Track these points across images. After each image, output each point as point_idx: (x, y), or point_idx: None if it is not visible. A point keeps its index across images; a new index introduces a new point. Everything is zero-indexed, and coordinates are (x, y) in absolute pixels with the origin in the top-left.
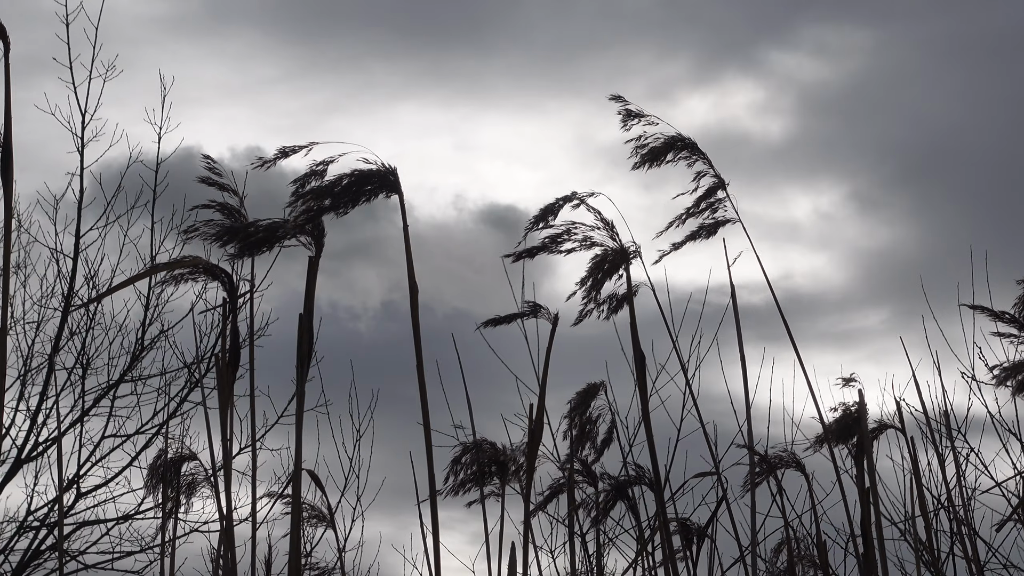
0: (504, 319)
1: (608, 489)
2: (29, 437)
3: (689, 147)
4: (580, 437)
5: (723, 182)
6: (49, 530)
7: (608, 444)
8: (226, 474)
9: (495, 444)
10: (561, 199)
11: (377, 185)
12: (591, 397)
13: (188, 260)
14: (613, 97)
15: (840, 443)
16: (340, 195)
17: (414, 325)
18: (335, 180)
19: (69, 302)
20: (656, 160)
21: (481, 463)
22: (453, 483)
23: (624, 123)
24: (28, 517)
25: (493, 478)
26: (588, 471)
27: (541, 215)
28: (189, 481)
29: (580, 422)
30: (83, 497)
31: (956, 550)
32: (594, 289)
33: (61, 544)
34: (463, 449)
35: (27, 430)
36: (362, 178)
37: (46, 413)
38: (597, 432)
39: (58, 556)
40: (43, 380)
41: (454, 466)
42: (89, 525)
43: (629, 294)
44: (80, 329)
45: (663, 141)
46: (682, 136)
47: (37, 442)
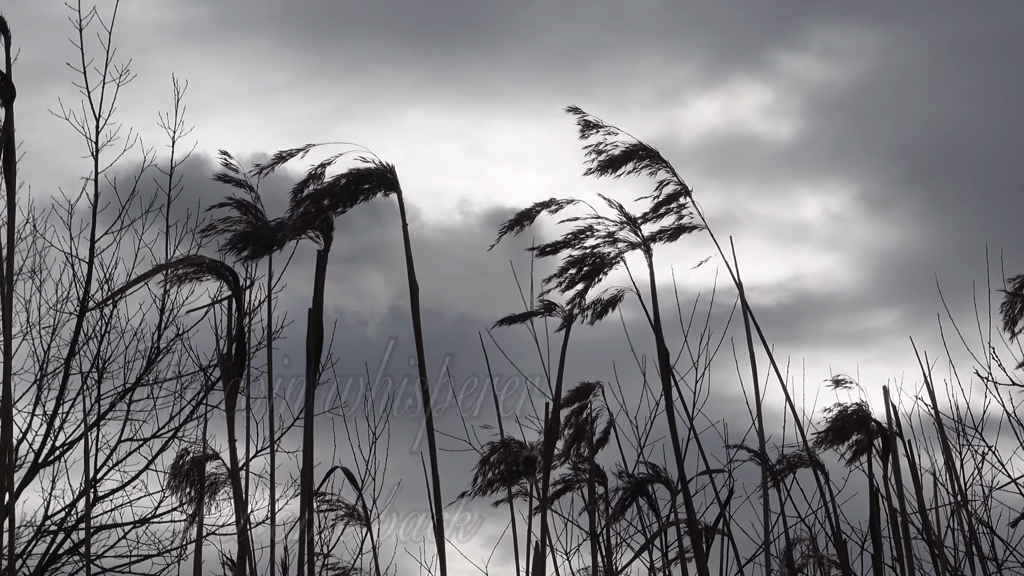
0: (518, 317)
1: (626, 487)
2: (46, 442)
3: (651, 156)
4: (575, 436)
5: (687, 189)
6: (67, 534)
7: (604, 443)
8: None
9: (522, 443)
10: (539, 205)
11: (375, 183)
12: (583, 396)
13: (193, 258)
14: (570, 109)
15: (838, 443)
16: (339, 195)
17: (415, 323)
18: (333, 181)
19: (85, 307)
20: (614, 167)
21: (509, 462)
22: (482, 482)
23: (583, 132)
24: (46, 521)
25: (521, 477)
26: (597, 470)
27: (517, 220)
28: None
29: (576, 421)
30: (100, 501)
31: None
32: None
33: (87, 546)
34: (491, 448)
35: (44, 435)
36: (359, 177)
37: (62, 418)
38: (594, 431)
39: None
40: (59, 385)
41: (482, 466)
42: (106, 529)
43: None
44: (96, 333)
45: (623, 150)
46: (643, 145)
47: (54, 447)
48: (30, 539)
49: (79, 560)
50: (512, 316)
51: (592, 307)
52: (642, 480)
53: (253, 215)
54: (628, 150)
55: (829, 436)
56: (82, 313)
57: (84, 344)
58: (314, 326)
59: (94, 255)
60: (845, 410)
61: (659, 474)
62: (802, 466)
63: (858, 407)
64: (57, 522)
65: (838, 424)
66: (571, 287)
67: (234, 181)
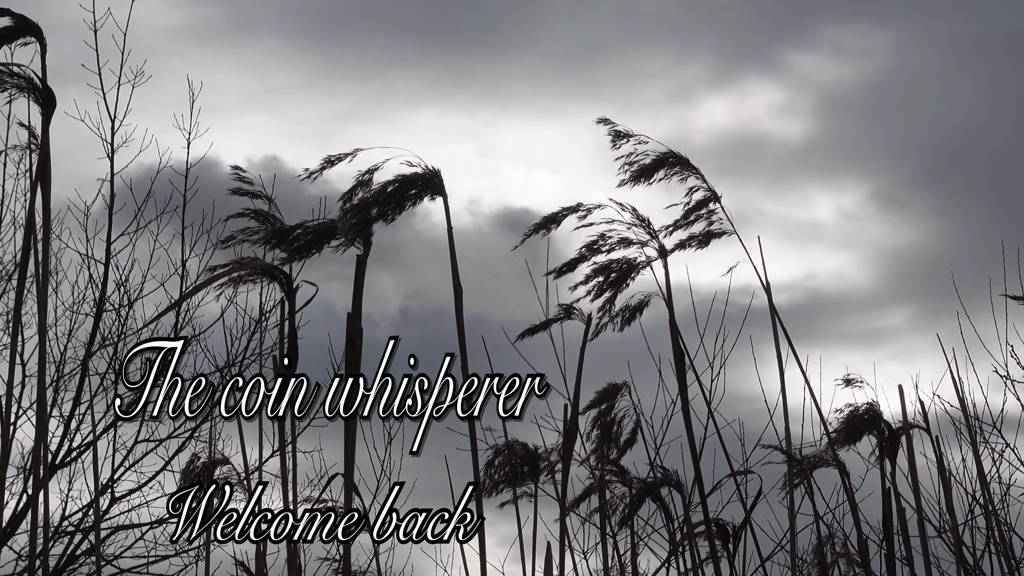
0: (540, 327)
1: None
2: (63, 443)
3: (681, 163)
4: (603, 437)
5: (716, 195)
6: (84, 535)
7: (631, 444)
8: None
9: (526, 445)
10: (566, 209)
11: (422, 188)
12: (611, 397)
13: (247, 262)
14: (600, 120)
15: (850, 444)
16: (386, 202)
17: (459, 326)
18: (380, 188)
19: (101, 307)
20: (647, 176)
21: (513, 464)
22: (488, 485)
23: (614, 143)
24: (63, 522)
25: (526, 478)
26: (620, 471)
27: (543, 223)
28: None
29: (603, 423)
30: (117, 502)
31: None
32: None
33: (98, 547)
34: (495, 451)
35: (61, 435)
36: (406, 183)
37: (79, 419)
38: (621, 432)
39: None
40: (76, 386)
41: (488, 469)
42: (124, 529)
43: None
44: (112, 335)
45: (653, 159)
46: (674, 153)
47: (71, 448)
48: (47, 540)
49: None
50: (534, 327)
51: (620, 313)
52: (652, 484)
53: (271, 224)
54: (659, 158)
55: (841, 436)
56: (98, 315)
57: (101, 345)
58: (354, 331)
59: (110, 256)
60: (856, 410)
61: (669, 478)
62: (823, 465)
63: (869, 406)
64: (74, 523)
65: (849, 424)
66: (600, 295)
67: (249, 193)
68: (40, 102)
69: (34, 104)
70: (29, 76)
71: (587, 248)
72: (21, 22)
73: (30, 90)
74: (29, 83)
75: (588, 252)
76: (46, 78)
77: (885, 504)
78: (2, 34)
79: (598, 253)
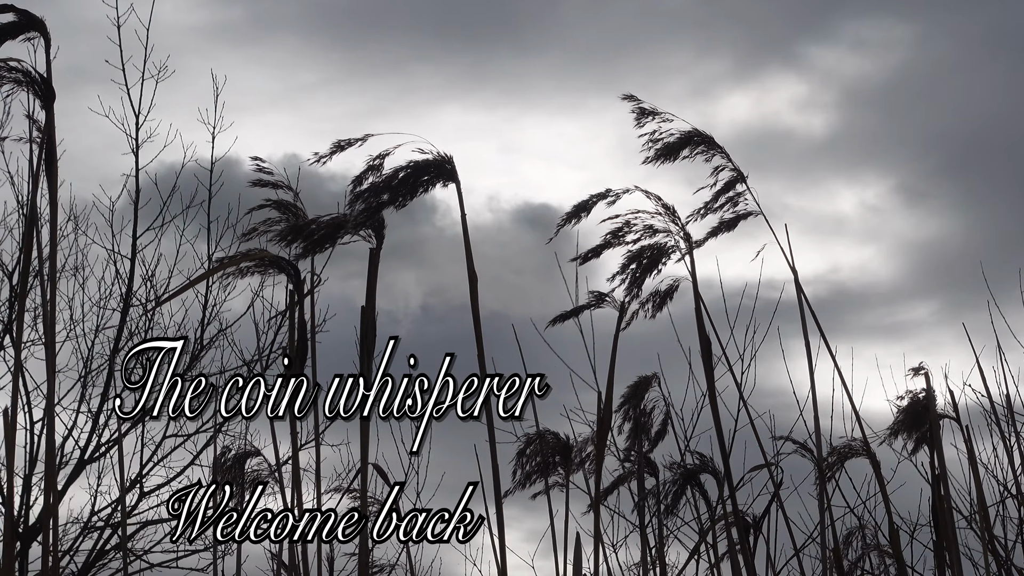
0: (571, 313)
1: (677, 478)
2: (91, 438)
3: (706, 142)
4: (635, 429)
5: (742, 175)
6: (113, 530)
7: (663, 436)
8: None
9: (558, 434)
10: (596, 196)
11: (434, 175)
12: (643, 390)
13: (254, 253)
14: (625, 96)
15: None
16: (398, 188)
17: (474, 313)
18: (392, 173)
19: (128, 303)
20: (671, 155)
21: (545, 454)
22: (520, 476)
23: (638, 121)
24: (92, 517)
25: (558, 468)
26: (650, 462)
27: (574, 211)
28: (253, 477)
29: (635, 415)
30: (146, 497)
31: None
32: (634, 286)
33: (125, 541)
34: (527, 441)
35: (89, 431)
36: (419, 169)
37: (107, 414)
38: (652, 423)
39: (123, 553)
40: (104, 381)
41: (519, 459)
42: (153, 524)
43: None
44: (139, 330)
45: (678, 137)
46: (699, 131)
47: (100, 443)
48: (77, 535)
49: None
50: (564, 313)
51: (651, 299)
52: (691, 470)
53: (293, 213)
54: (684, 136)
55: (903, 426)
56: (125, 310)
57: (128, 340)
58: (367, 324)
59: (136, 251)
60: (917, 397)
61: (707, 464)
62: (853, 456)
63: (927, 394)
64: (103, 518)
65: (911, 412)
66: (635, 284)
67: (271, 184)
68: (40, 95)
69: (36, 98)
70: (27, 70)
71: (612, 235)
72: (25, 17)
73: (29, 84)
74: (28, 77)
75: (613, 239)
76: (50, 72)
77: (935, 491)
78: (6, 29)
79: (623, 241)
